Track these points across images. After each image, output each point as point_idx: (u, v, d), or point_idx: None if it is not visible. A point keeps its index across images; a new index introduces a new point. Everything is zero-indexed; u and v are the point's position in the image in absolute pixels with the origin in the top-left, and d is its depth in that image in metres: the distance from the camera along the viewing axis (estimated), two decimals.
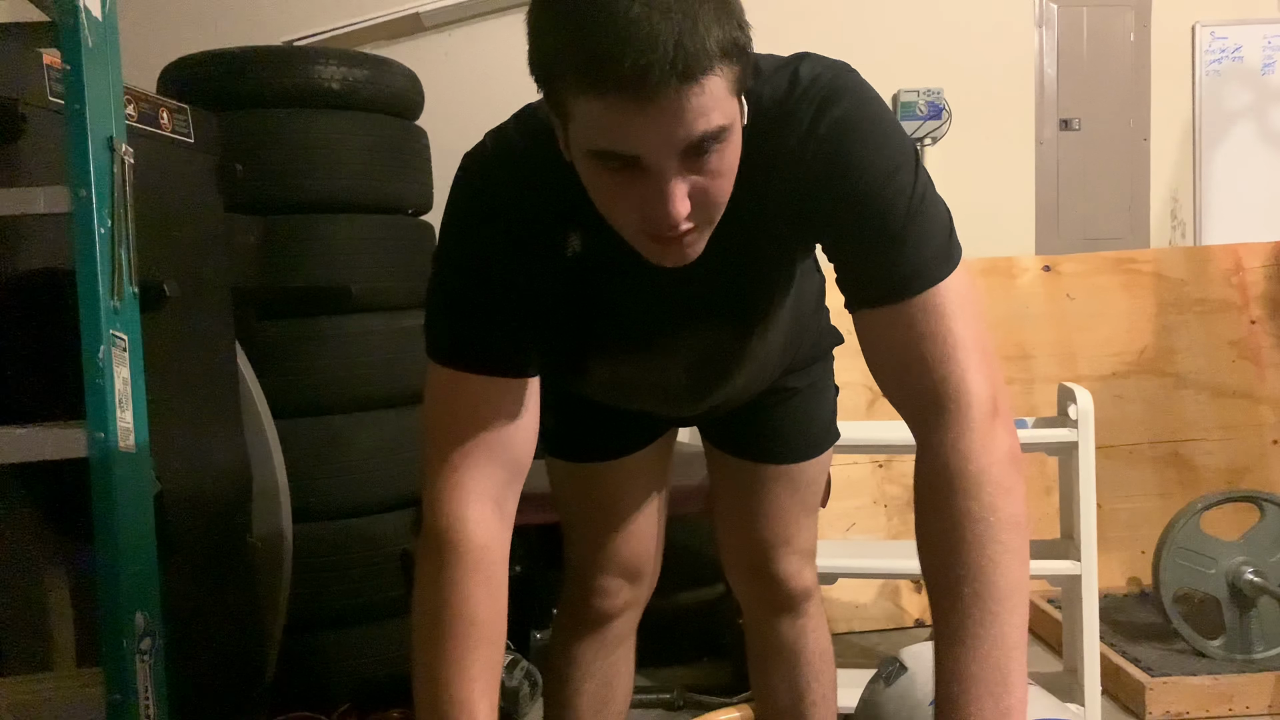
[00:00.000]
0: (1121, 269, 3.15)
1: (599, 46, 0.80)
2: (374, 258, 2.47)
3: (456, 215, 1.06)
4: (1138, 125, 3.67)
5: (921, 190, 0.98)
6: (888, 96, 3.49)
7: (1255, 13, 3.70)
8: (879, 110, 0.99)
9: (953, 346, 0.96)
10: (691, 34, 0.80)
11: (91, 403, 1.40)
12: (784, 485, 1.44)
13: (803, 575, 1.49)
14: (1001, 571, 0.92)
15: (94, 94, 1.40)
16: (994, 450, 0.95)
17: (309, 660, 2.38)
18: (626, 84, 0.80)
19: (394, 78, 2.59)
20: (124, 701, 1.41)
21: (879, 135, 0.98)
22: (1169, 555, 2.39)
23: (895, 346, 0.98)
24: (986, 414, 0.96)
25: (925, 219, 0.97)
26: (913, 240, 0.96)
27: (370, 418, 2.45)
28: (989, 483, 0.94)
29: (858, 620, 2.90)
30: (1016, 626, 0.93)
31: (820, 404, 1.45)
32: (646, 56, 0.79)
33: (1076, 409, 2.15)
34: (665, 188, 0.86)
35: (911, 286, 0.97)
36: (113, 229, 1.42)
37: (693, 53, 0.80)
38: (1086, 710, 2.15)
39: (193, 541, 1.93)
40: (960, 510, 0.93)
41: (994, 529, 0.93)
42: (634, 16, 0.79)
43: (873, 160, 0.96)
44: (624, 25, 0.79)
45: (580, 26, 0.81)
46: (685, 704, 2.41)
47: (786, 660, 1.54)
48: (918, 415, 0.99)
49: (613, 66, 0.80)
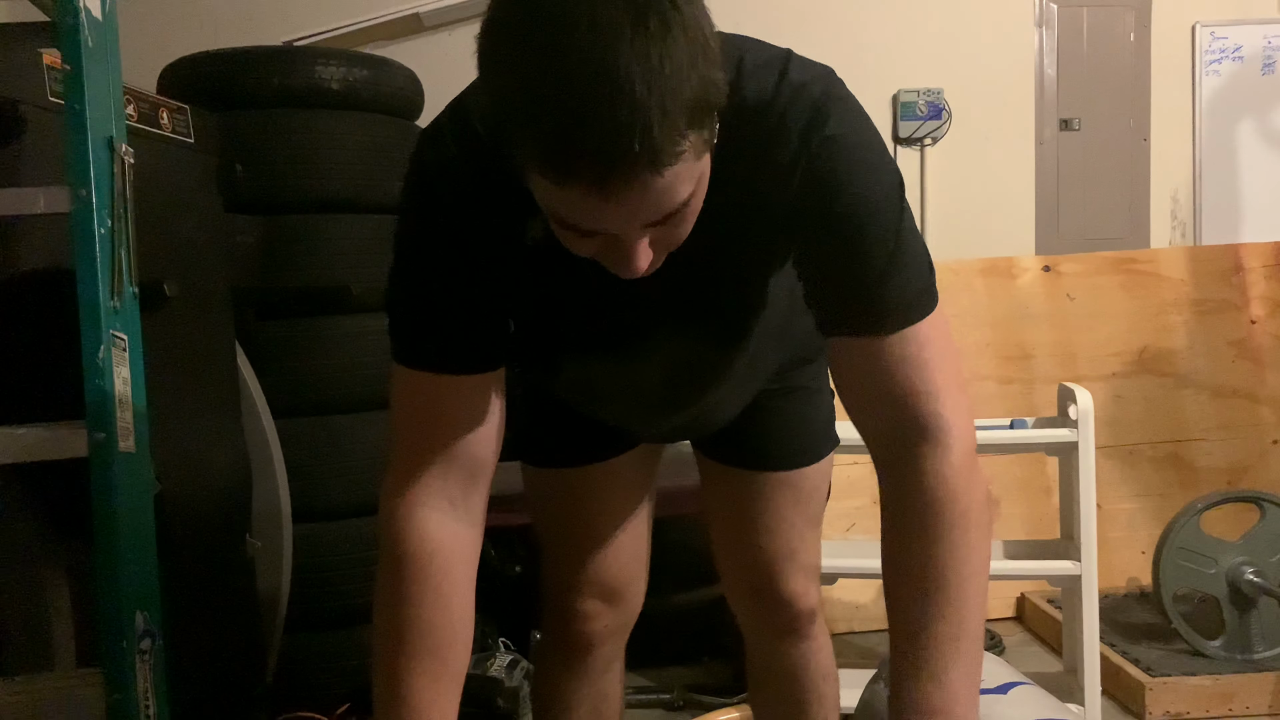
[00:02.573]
0: (1121, 269, 3.15)
1: (559, 134, 0.73)
2: (374, 258, 2.47)
3: (403, 213, 1.04)
4: (1138, 125, 3.67)
5: (908, 223, 0.97)
6: (888, 96, 3.50)
7: (1255, 13, 3.70)
8: (870, 134, 0.96)
9: (940, 382, 0.96)
10: (661, 119, 0.72)
11: (91, 403, 1.40)
12: (785, 494, 1.37)
13: (809, 595, 1.41)
14: (971, 606, 0.95)
15: (94, 94, 1.40)
16: (975, 485, 0.96)
17: (309, 660, 2.38)
18: (588, 177, 0.74)
19: (394, 78, 2.59)
20: (124, 701, 1.41)
21: (871, 160, 0.95)
22: (1169, 555, 2.39)
23: (876, 376, 0.97)
24: (969, 449, 0.97)
25: (910, 252, 0.96)
26: (898, 273, 0.95)
27: (370, 418, 2.45)
28: (974, 515, 0.95)
29: (858, 620, 2.90)
30: (978, 662, 0.96)
31: (817, 406, 1.40)
32: (610, 151, 0.72)
33: (1076, 409, 2.15)
34: (628, 249, 0.83)
35: (897, 321, 0.96)
36: (113, 229, 1.42)
37: (661, 142, 0.73)
38: (1086, 710, 2.15)
39: (193, 541, 1.93)
40: (939, 539, 0.95)
41: (968, 564, 0.95)
42: (598, 97, 0.71)
43: (864, 188, 0.94)
44: (587, 109, 0.71)
45: (538, 102, 0.73)
46: (685, 704, 2.41)
47: (788, 685, 1.47)
48: (896, 442, 0.98)
49: (574, 161, 0.73)
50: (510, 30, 0.76)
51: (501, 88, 0.76)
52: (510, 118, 0.76)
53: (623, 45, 0.71)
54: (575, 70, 0.71)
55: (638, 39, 0.71)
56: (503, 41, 0.76)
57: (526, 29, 0.74)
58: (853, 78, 0.99)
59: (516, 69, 0.75)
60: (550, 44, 0.72)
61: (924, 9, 3.55)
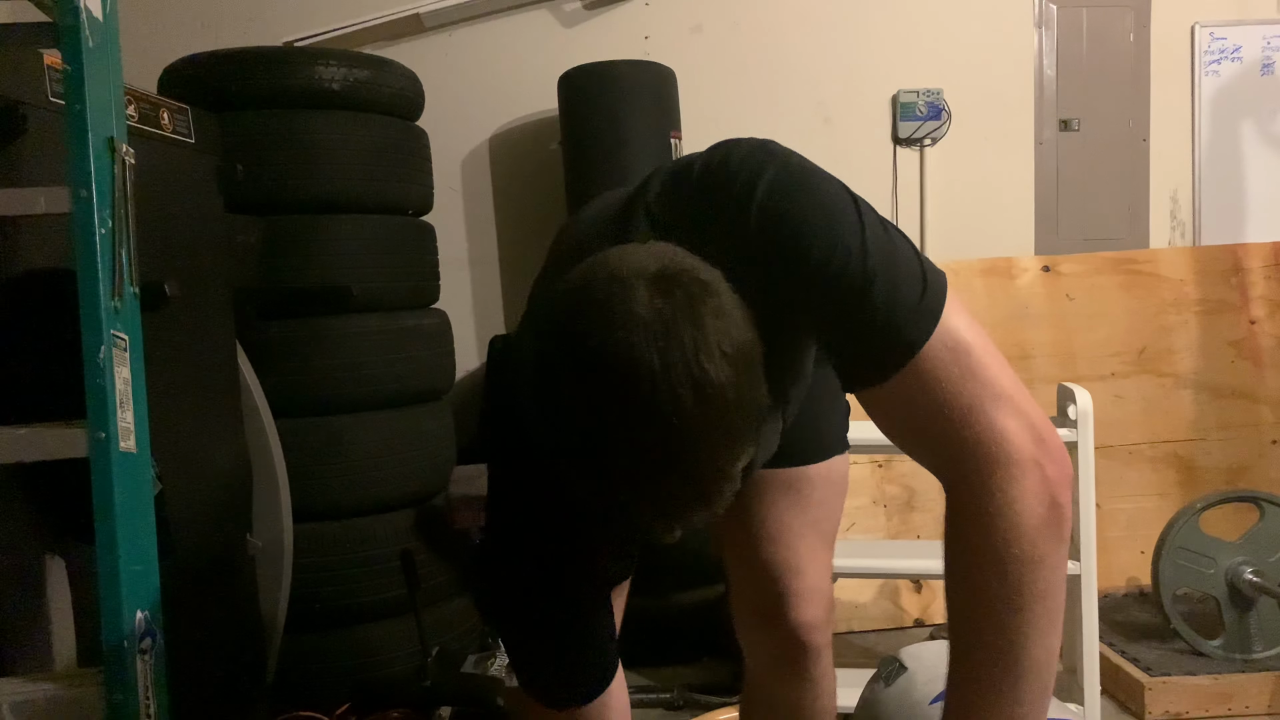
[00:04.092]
0: (1121, 269, 3.15)
1: (626, 520, 0.81)
2: (374, 258, 2.47)
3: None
4: (1137, 125, 3.67)
5: (872, 238, 0.90)
6: (888, 96, 3.50)
7: (1255, 13, 3.70)
8: (798, 178, 0.92)
9: (967, 401, 0.88)
10: (719, 500, 0.80)
11: (92, 403, 1.40)
12: (788, 498, 1.32)
13: (818, 629, 1.33)
14: (1028, 647, 0.88)
15: (94, 94, 1.40)
16: (1032, 511, 0.87)
17: (309, 660, 2.38)
18: (650, 534, 0.82)
19: (394, 78, 2.59)
20: (124, 701, 1.41)
21: (808, 209, 0.90)
22: (1168, 555, 2.39)
23: (906, 419, 0.92)
24: (1026, 459, 0.88)
25: (885, 275, 0.89)
26: (881, 306, 0.88)
27: (370, 418, 2.45)
28: (1026, 547, 0.87)
29: (857, 620, 2.90)
30: (1037, 701, 0.90)
31: (827, 401, 1.33)
32: (673, 534, 0.81)
33: (1076, 409, 2.16)
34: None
35: (896, 359, 0.89)
36: (113, 229, 1.42)
37: (722, 502, 0.80)
38: (1086, 710, 2.15)
39: (193, 541, 1.93)
40: (994, 581, 0.88)
41: (1026, 600, 0.88)
42: (666, 496, 0.78)
43: (806, 240, 0.89)
44: (656, 510, 0.79)
45: (607, 480, 0.79)
46: (685, 704, 2.41)
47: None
48: (948, 476, 0.92)
49: (641, 529, 0.82)
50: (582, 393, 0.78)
51: (571, 439, 0.80)
52: (578, 469, 0.80)
53: (699, 439, 0.76)
54: (650, 454, 0.76)
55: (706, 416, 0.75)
56: (581, 406, 0.78)
57: (601, 398, 0.77)
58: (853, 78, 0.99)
59: (592, 439, 0.78)
60: (625, 425, 0.76)
61: (924, 9, 3.55)
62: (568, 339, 0.78)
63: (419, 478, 2.52)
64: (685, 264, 0.80)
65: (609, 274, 0.78)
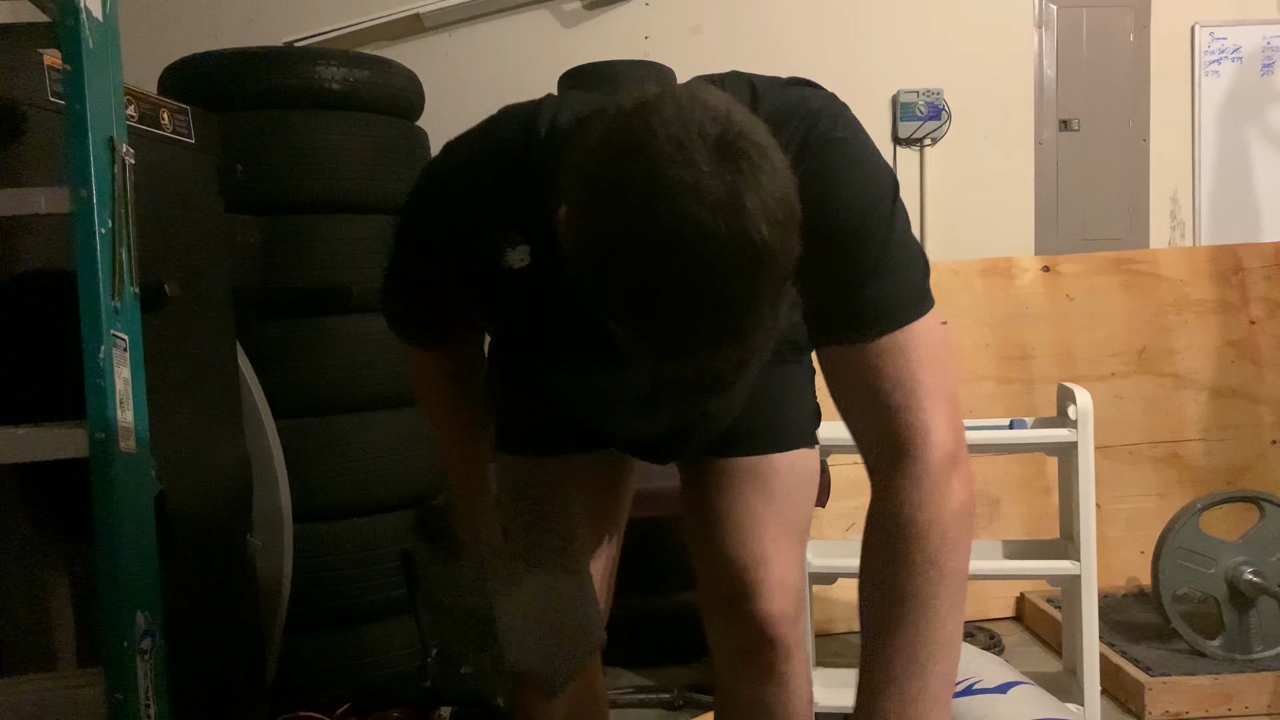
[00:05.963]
0: (1121, 269, 3.16)
1: (657, 343, 0.81)
2: (374, 258, 2.47)
3: (409, 205, 1.19)
4: (1137, 125, 3.67)
5: (900, 229, 0.96)
6: (887, 97, 3.50)
7: (1255, 13, 3.70)
8: (864, 141, 0.99)
9: (918, 392, 0.95)
10: (756, 327, 0.80)
11: (92, 403, 1.40)
12: (752, 486, 1.27)
13: (785, 623, 1.25)
14: (935, 626, 0.94)
15: (94, 94, 1.40)
16: (947, 502, 0.95)
17: (309, 660, 2.38)
18: (678, 360, 0.82)
19: (394, 78, 2.59)
20: (124, 701, 1.41)
21: (864, 165, 0.97)
22: (1168, 555, 2.39)
23: (859, 386, 0.97)
24: (945, 464, 0.96)
25: (901, 256, 0.96)
26: (886, 275, 0.94)
27: (370, 418, 2.45)
28: (936, 534, 0.95)
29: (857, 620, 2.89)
30: (943, 681, 0.95)
31: (791, 388, 1.31)
32: (705, 367, 0.81)
33: (1076, 409, 2.15)
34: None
35: (881, 325, 0.95)
36: (113, 229, 1.42)
37: (754, 348, 0.81)
38: (1086, 710, 2.15)
39: (193, 541, 1.93)
40: (903, 560, 0.95)
41: (934, 583, 0.94)
42: (697, 326, 0.78)
43: (854, 194, 0.94)
44: (688, 333, 0.79)
45: (639, 296, 0.79)
46: (685, 704, 2.41)
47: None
48: (876, 457, 0.98)
49: (668, 362, 0.82)
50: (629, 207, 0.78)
51: (601, 254, 0.80)
52: (607, 289, 0.81)
53: (740, 281, 0.78)
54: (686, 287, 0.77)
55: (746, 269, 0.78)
56: (626, 214, 0.78)
57: (646, 209, 0.77)
58: (853, 78, 1.00)
59: (619, 251, 0.79)
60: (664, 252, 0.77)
61: (924, 9, 3.55)
62: (623, 194, 0.79)
63: (419, 478, 2.52)
64: (743, 125, 0.80)
65: (668, 135, 0.78)
